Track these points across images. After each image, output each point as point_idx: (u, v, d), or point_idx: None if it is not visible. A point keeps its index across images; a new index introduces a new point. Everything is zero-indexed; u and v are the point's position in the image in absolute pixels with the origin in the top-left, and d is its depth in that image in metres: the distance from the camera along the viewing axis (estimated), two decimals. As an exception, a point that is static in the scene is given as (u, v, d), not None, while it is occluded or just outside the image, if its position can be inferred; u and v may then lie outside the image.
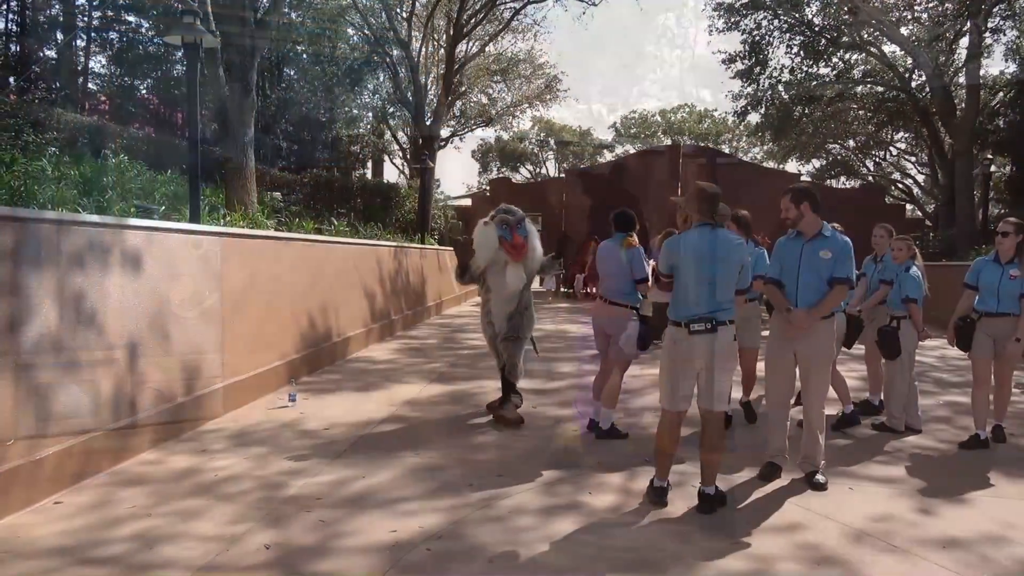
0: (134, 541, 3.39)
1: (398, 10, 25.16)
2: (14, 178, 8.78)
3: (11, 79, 20.05)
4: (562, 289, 20.22)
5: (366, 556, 3.28)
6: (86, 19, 24.84)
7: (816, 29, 23.40)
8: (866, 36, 22.93)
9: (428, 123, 26.74)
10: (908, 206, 29.64)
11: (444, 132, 32.26)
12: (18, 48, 23.80)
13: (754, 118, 27.62)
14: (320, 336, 7.97)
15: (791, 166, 38.48)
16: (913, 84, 23.54)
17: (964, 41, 21.42)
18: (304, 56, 25.49)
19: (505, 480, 4.38)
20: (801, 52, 23.85)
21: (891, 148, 33.22)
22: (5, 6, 23.63)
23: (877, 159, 34.76)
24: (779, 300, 4.56)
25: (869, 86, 25.90)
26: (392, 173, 40.78)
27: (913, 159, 33.76)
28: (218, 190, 12.89)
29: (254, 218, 10.22)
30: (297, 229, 11.22)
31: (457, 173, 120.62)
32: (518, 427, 5.67)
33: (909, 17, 23.13)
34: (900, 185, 34.09)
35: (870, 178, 33.59)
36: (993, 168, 22.77)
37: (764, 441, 4.78)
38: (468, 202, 27.30)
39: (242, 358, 6.14)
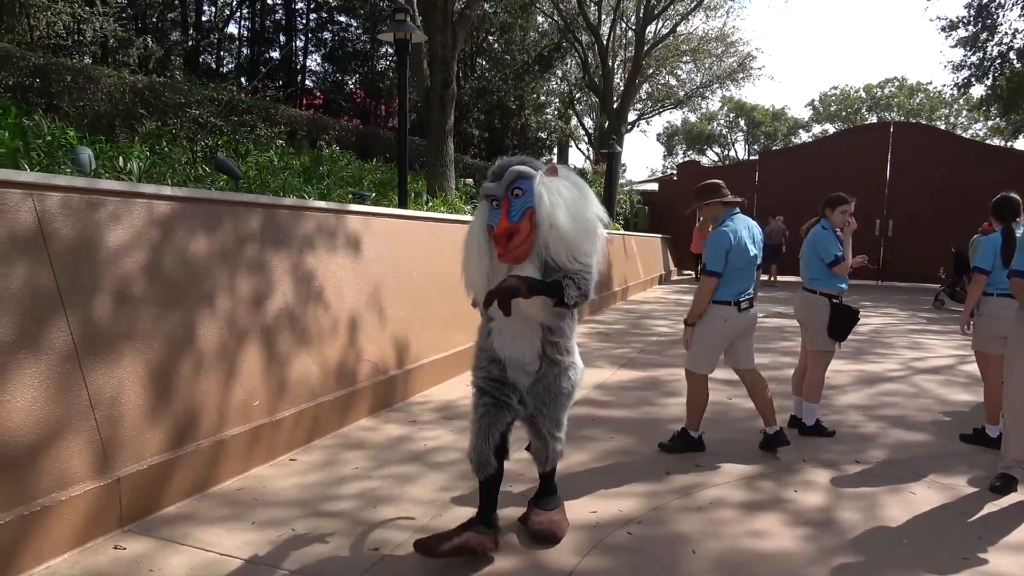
0: (359, 499, 3.71)
1: (589, -6, 25.17)
2: (248, 168, 9.86)
3: (243, 79, 22.48)
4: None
5: (569, 534, 3.35)
6: (304, 22, 27.25)
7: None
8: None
9: (615, 106, 26.61)
10: None
11: (631, 115, 31.94)
12: (249, 52, 26.65)
13: (978, 90, 24.86)
14: (513, 318, 8.22)
15: (1020, 143, 34.15)
16: None
17: None
18: (496, 45, 26.27)
19: (703, 470, 4.31)
20: (1040, 13, 21.03)
21: None
22: (239, 15, 26.49)
23: None
24: None
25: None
26: (577, 158, 41.09)
27: None
28: (418, 176, 13.67)
29: (453, 203, 10.73)
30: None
31: (641, 157, 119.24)
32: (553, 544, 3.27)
33: None
34: None
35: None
36: None
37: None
38: (654, 187, 26.78)
39: (445, 336, 6.49)
